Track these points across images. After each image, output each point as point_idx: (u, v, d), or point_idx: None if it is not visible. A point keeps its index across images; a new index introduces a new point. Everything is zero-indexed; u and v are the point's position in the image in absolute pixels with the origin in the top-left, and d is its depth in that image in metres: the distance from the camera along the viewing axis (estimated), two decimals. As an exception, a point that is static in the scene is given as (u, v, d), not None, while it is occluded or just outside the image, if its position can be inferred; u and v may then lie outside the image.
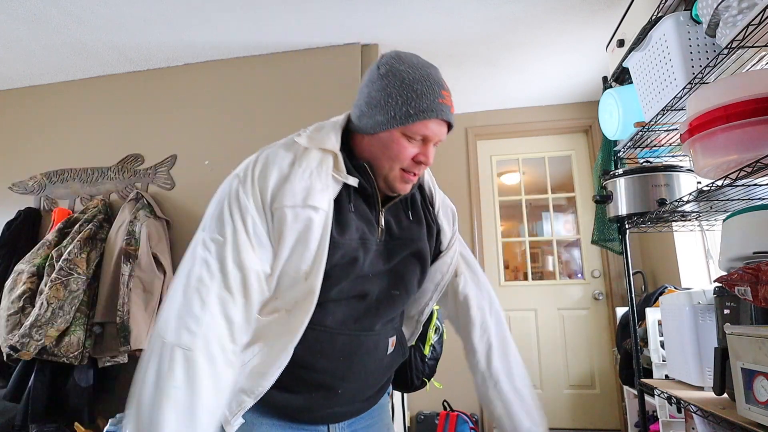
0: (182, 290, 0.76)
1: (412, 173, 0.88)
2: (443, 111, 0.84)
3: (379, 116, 0.84)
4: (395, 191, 0.90)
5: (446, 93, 0.86)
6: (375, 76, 0.87)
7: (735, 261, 1.18)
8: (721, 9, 1.11)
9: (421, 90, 0.83)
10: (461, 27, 2.41)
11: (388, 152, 0.86)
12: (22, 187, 2.75)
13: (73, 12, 2.23)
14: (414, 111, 0.82)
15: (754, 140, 1.01)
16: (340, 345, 0.86)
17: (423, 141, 0.86)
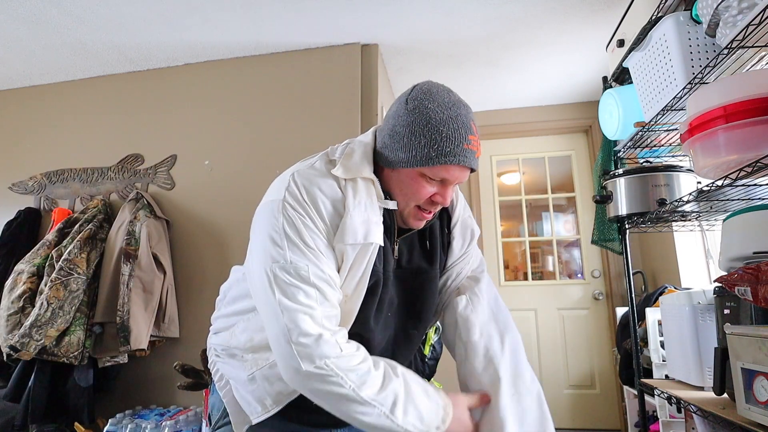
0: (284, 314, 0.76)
1: (428, 211, 0.88)
2: (467, 158, 0.82)
3: (401, 153, 0.83)
4: (410, 226, 0.90)
5: (473, 138, 0.83)
6: (402, 110, 0.85)
7: (735, 261, 1.18)
8: (721, 9, 1.11)
9: (446, 133, 0.80)
10: (461, 27, 2.41)
11: (406, 189, 0.85)
12: (22, 187, 2.75)
13: (73, 12, 2.23)
14: (436, 154, 0.80)
15: (754, 140, 1.01)
16: None
17: (442, 182, 0.85)
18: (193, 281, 2.44)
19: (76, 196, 2.69)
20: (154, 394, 2.39)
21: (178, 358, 2.41)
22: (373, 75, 2.54)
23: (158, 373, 2.41)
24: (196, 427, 2.11)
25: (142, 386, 2.41)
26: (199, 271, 2.44)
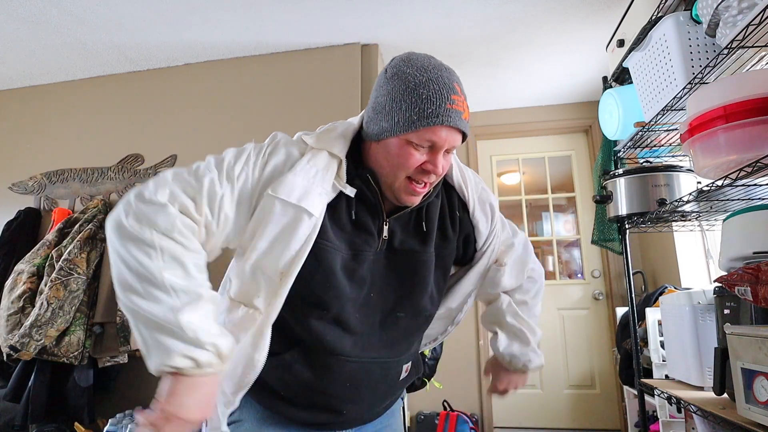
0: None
1: (421, 184, 0.81)
2: (451, 117, 0.76)
3: (384, 122, 0.79)
4: (402, 203, 0.84)
5: (457, 97, 0.78)
6: (382, 80, 0.83)
7: (735, 261, 1.18)
8: (721, 9, 1.11)
9: (427, 95, 0.76)
10: (461, 27, 2.41)
11: (393, 160, 0.80)
12: (22, 187, 2.75)
13: (73, 12, 2.23)
14: (418, 117, 0.76)
15: (754, 140, 1.01)
16: (347, 372, 0.84)
17: (431, 149, 0.79)
18: (193, 281, 2.44)
19: (76, 196, 2.69)
20: (154, 394, 2.39)
21: (178, 358, 2.41)
22: (373, 75, 2.54)
23: (158, 373, 2.41)
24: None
25: (142, 386, 2.41)
26: (199, 271, 2.44)
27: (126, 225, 0.70)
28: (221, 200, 0.75)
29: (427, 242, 0.89)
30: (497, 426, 3.11)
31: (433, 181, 0.83)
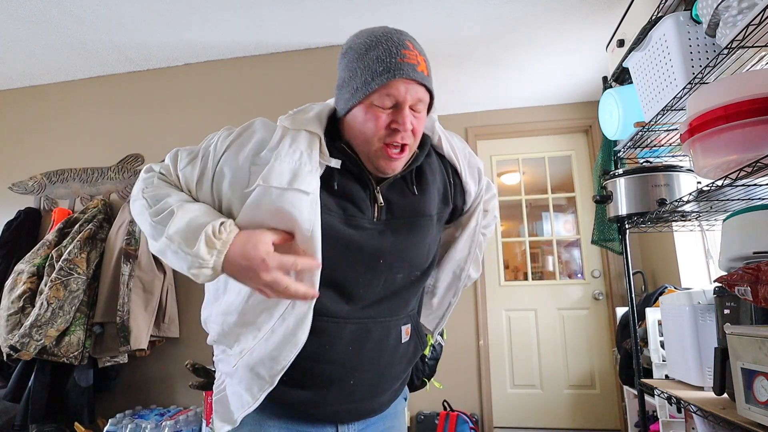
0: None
1: (396, 147, 0.81)
2: (403, 69, 0.77)
3: (346, 94, 0.82)
4: (384, 171, 0.83)
5: (409, 52, 0.79)
6: (339, 58, 0.85)
7: (735, 261, 1.18)
8: (721, 9, 1.11)
9: (377, 54, 0.78)
10: (461, 27, 2.41)
11: (363, 127, 0.80)
12: (22, 187, 2.75)
13: (73, 12, 2.23)
14: (372, 77, 0.77)
15: (754, 140, 1.01)
16: (348, 334, 0.83)
17: (395, 108, 0.79)
18: (193, 281, 2.43)
19: (76, 196, 2.69)
20: (154, 394, 2.40)
21: (178, 358, 2.41)
22: (373, 75, 2.54)
23: (158, 373, 2.41)
24: (196, 427, 2.11)
25: (142, 386, 2.41)
26: (199, 271, 2.43)
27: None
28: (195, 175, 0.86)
29: (427, 207, 0.89)
30: (497, 426, 3.11)
31: (408, 143, 0.82)
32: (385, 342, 0.88)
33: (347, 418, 0.89)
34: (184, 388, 2.40)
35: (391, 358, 0.90)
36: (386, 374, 0.90)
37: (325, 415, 0.87)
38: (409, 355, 0.95)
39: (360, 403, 0.88)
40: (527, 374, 3.19)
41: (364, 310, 0.85)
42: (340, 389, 0.85)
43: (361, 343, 0.85)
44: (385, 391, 0.92)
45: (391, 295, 0.88)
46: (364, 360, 0.85)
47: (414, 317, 0.95)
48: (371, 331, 0.86)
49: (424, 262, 0.92)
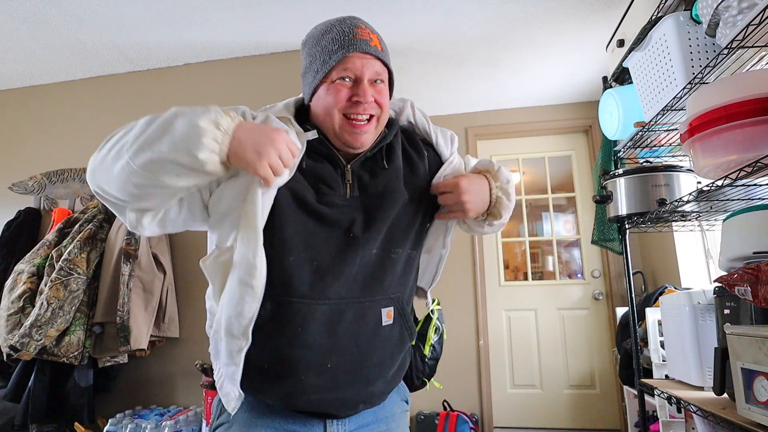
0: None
1: (358, 119, 0.84)
2: (356, 44, 0.82)
3: (309, 78, 0.87)
4: (352, 146, 0.86)
5: (361, 30, 0.84)
6: (301, 50, 0.91)
7: (735, 261, 1.18)
8: (721, 9, 1.11)
9: (331, 36, 0.84)
10: (461, 27, 2.41)
11: (324, 103, 0.85)
12: (22, 187, 2.75)
13: (73, 12, 2.23)
14: (329, 56, 0.83)
15: (754, 140, 1.01)
16: (320, 316, 0.82)
17: (355, 82, 0.84)
18: (193, 281, 2.44)
19: (76, 196, 2.69)
20: (154, 394, 2.40)
21: (178, 358, 2.41)
22: (373, 75, 2.54)
23: (158, 373, 2.41)
24: (196, 427, 2.11)
25: (142, 386, 2.41)
26: (199, 271, 2.43)
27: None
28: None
29: (399, 183, 0.91)
30: (497, 426, 3.11)
31: (374, 113, 0.85)
32: (360, 324, 0.86)
33: (335, 410, 0.86)
34: (184, 388, 2.40)
35: (370, 342, 0.87)
36: (368, 359, 0.87)
37: (310, 404, 0.84)
38: (393, 340, 0.91)
39: (345, 391, 0.85)
40: (527, 374, 3.19)
41: (337, 290, 0.84)
42: (319, 374, 0.83)
43: (333, 324, 0.83)
44: (372, 379, 0.88)
45: (367, 275, 0.87)
46: (340, 343, 0.84)
47: (399, 302, 0.92)
48: (344, 313, 0.84)
49: (401, 239, 0.91)
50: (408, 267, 0.94)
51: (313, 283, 0.83)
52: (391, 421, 0.95)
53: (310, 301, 0.82)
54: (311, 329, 0.82)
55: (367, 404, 0.89)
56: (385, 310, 0.89)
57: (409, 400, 1.04)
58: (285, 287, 0.82)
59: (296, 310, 0.82)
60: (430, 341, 1.21)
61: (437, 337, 1.28)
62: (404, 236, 0.92)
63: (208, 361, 2.08)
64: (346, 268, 0.85)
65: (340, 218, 0.86)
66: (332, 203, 0.86)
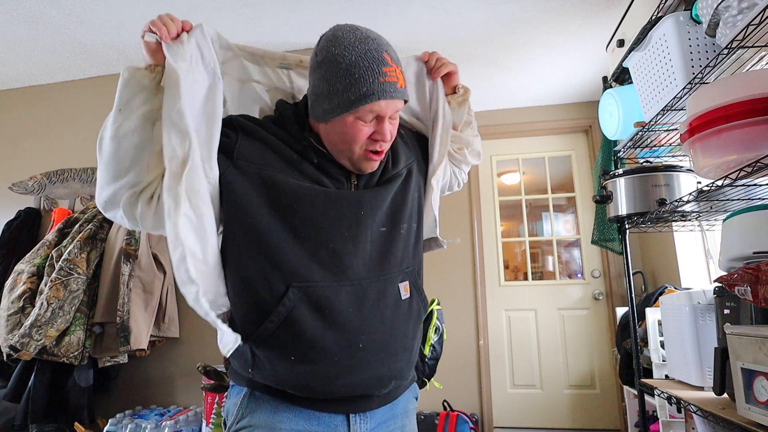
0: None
1: (377, 152, 0.88)
2: (386, 91, 0.83)
3: (325, 105, 0.86)
4: (363, 171, 0.91)
5: (389, 69, 0.84)
6: (314, 64, 0.89)
7: (735, 261, 1.18)
8: (721, 9, 1.11)
9: (359, 74, 0.82)
10: (461, 27, 2.41)
11: (344, 137, 0.86)
12: (22, 187, 2.75)
13: (73, 12, 2.23)
14: (356, 98, 0.82)
15: (754, 140, 1.01)
16: (344, 297, 0.84)
17: (377, 119, 0.86)
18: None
19: (76, 196, 2.69)
20: (154, 394, 2.40)
21: (178, 358, 2.41)
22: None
23: (158, 373, 2.41)
24: (196, 427, 2.11)
25: (142, 386, 2.41)
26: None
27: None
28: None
29: (398, 167, 0.97)
30: (497, 426, 3.11)
31: (386, 149, 0.90)
32: (383, 301, 0.88)
33: (370, 389, 0.86)
34: (184, 388, 2.40)
35: (393, 317, 0.89)
36: (393, 334, 0.89)
37: (344, 389, 0.84)
38: (413, 313, 0.94)
39: (377, 369, 0.86)
40: (527, 374, 3.19)
41: (356, 270, 0.86)
42: (351, 355, 0.84)
43: (359, 304, 0.85)
44: (398, 353, 0.90)
45: (380, 252, 0.90)
46: (368, 319, 0.85)
47: (413, 275, 0.95)
48: (367, 291, 0.86)
49: (405, 214, 0.95)
50: (416, 241, 0.97)
51: (332, 266, 0.85)
52: (405, 417, 0.97)
53: (334, 284, 0.84)
54: (339, 310, 0.83)
55: (397, 380, 0.91)
56: (402, 285, 0.91)
57: (418, 396, 1.05)
58: (307, 274, 0.83)
59: (321, 294, 0.83)
60: (430, 341, 1.21)
61: (437, 337, 1.28)
62: (406, 211, 0.95)
63: (209, 361, 2.08)
64: (360, 247, 0.87)
65: (348, 198, 0.89)
66: (338, 189, 0.90)
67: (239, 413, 0.87)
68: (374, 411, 0.90)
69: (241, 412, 0.87)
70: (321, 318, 0.83)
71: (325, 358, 0.83)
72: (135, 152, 0.81)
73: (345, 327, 0.83)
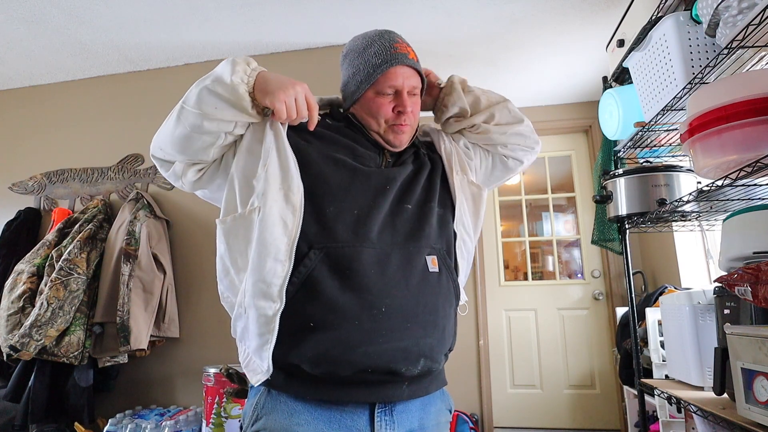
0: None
1: (400, 124, 0.97)
2: (398, 58, 0.95)
3: (352, 87, 0.99)
4: (393, 144, 0.99)
5: (399, 45, 0.97)
6: (341, 60, 1.04)
7: (735, 261, 1.18)
8: (721, 9, 1.11)
9: (373, 50, 0.96)
10: (461, 27, 2.41)
11: (372, 111, 0.97)
12: (22, 187, 2.75)
13: (73, 12, 2.23)
14: (373, 69, 0.94)
15: (754, 140, 1.01)
16: (366, 257, 0.84)
17: (396, 94, 0.96)
18: (193, 281, 2.44)
19: (76, 196, 2.69)
20: (154, 394, 2.40)
21: (178, 358, 2.41)
22: (373, 75, 2.54)
23: (158, 373, 2.41)
24: (196, 427, 2.11)
25: (142, 386, 2.41)
26: (199, 271, 2.44)
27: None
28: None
29: (420, 160, 1.04)
30: (497, 426, 3.11)
31: (409, 123, 0.99)
32: (408, 267, 0.86)
33: (396, 362, 0.82)
34: (184, 388, 2.40)
35: (420, 286, 0.86)
36: (420, 303, 0.85)
37: (368, 357, 0.80)
38: (443, 289, 0.91)
39: (403, 339, 0.82)
40: (527, 374, 3.19)
41: (381, 236, 0.88)
42: (373, 319, 0.81)
43: (382, 267, 0.84)
44: (427, 327, 0.86)
45: (408, 225, 0.92)
46: (391, 283, 0.83)
47: (441, 253, 0.93)
48: (390, 256, 0.86)
49: (431, 195, 0.98)
50: (442, 223, 0.98)
51: (356, 228, 0.87)
52: (436, 429, 0.93)
53: (356, 245, 0.85)
54: (360, 271, 0.83)
55: (427, 359, 0.86)
56: (430, 258, 0.90)
57: (452, 408, 1.02)
58: (329, 235, 0.85)
59: (342, 254, 0.84)
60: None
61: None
62: (433, 193, 0.99)
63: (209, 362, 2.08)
64: (386, 217, 0.90)
65: (376, 173, 0.95)
66: (368, 165, 0.96)
67: (255, 413, 0.85)
68: (403, 408, 0.86)
69: (257, 412, 0.84)
70: (341, 279, 0.82)
71: (345, 323, 0.80)
72: (204, 145, 0.89)
73: (366, 288, 0.82)
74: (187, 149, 0.89)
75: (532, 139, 1.12)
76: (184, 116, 0.86)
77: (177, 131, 0.88)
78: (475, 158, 1.11)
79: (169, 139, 0.90)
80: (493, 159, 1.13)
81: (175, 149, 0.90)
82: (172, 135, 0.89)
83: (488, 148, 1.12)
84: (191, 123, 0.85)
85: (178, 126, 0.87)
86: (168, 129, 0.89)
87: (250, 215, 0.85)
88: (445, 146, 1.07)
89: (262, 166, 0.87)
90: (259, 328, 0.82)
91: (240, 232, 0.87)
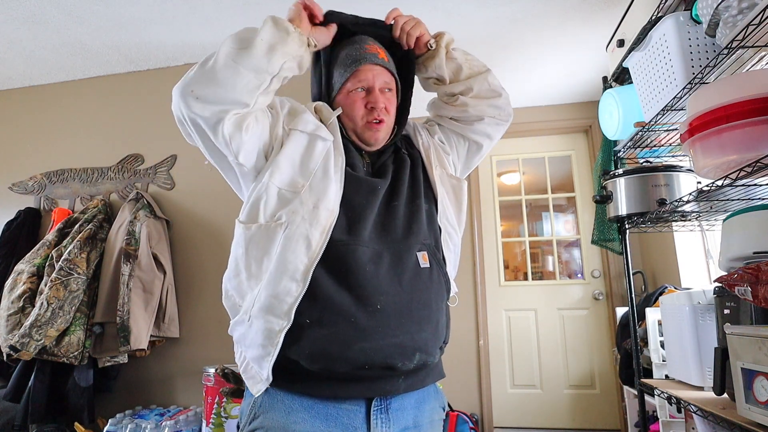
0: None
1: (374, 120, 0.99)
2: (367, 58, 0.99)
3: (332, 92, 1.04)
4: (368, 141, 1.01)
5: (370, 46, 1.01)
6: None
7: (735, 261, 1.18)
8: (721, 9, 1.11)
9: (346, 51, 1.01)
10: (461, 27, 2.41)
11: (347, 109, 1.00)
12: (22, 187, 2.75)
13: (73, 12, 2.23)
14: (345, 69, 1.00)
15: (754, 140, 1.01)
16: (361, 256, 0.86)
17: (368, 91, 0.99)
18: (193, 281, 2.44)
19: (76, 196, 2.69)
20: (154, 394, 2.40)
21: (178, 358, 2.41)
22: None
23: (158, 373, 2.41)
24: (195, 427, 2.11)
25: (142, 386, 2.41)
26: (199, 271, 2.44)
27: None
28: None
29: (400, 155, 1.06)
30: (497, 426, 3.11)
31: (383, 118, 1.00)
32: (400, 265, 0.89)
33: (393, 358, 0.83)
34: (184, 388, 2.40)
35: (413, 282, 0.89)
36: (414, 299, 0.88)
37: (364, 354, 0.81)
38: (435, 283, 0.94)
39: (398, 335, 0.84)
40: (527, 374, 3.19)
41: (372, 235, 0.90)
42: (370, 316, 0.83)
43: (376, 264, 0.87)
44: (421, 322, 0.88)
45: (398, 224, 0.94)
46: (385, 280, 0.86)
47: (430, 248, 0.96)
48: (382, 255, 0.89)
49: (417, 192, 1.01)
50: (430, 219, 1.00)
51: (348, 229, 0.89)
52: (430, 428, 0.95)
53: (349, 244, 0.87)
54: (355, 269, 0.85)
55: (423, 353, 0.87)
56: (420, 254, 0.93)
57: (446, 407, 1.04)
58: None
59: (337, 252, 0.86)
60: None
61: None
62: (418, 189, 1.01)
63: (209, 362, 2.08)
64: (377, 217, 0.93)
65: (366, 177, 0.97)
66: (357, 168, 0.99)
67: (252, 412, 0.85)
68: (399, 405, 0.88)
69: (255, 411, 0.85)
70: (337, 277, 0.85)
71: (342, 320, 0.82)
72: (251, 86, 0.86)
73: (361, 286, 0.84)
74: (231, 90, 0.84)
75: (506, 111, 1.12)
76: (230, 55, 0.84)
77: (219, 77, 0.83)
78: (451, 152, 1.13)
79: (213, 82, 0.83)
80: (468, 145, 1.14)
81: (216, 96, 0.83)
82: (218, 76, 0.83)
83: (463, 128, 1.12)
84: (239, 62, 0.84)
85: (222, 66, 0.83)
86: (205, 73, 0.84)
87: (276, 229, 0.87)
88: (423, 141, 1.09)
89: (305, 181, 0.90)
90: (263, 341, 0.84)
91: (261, 242, 0.87)
